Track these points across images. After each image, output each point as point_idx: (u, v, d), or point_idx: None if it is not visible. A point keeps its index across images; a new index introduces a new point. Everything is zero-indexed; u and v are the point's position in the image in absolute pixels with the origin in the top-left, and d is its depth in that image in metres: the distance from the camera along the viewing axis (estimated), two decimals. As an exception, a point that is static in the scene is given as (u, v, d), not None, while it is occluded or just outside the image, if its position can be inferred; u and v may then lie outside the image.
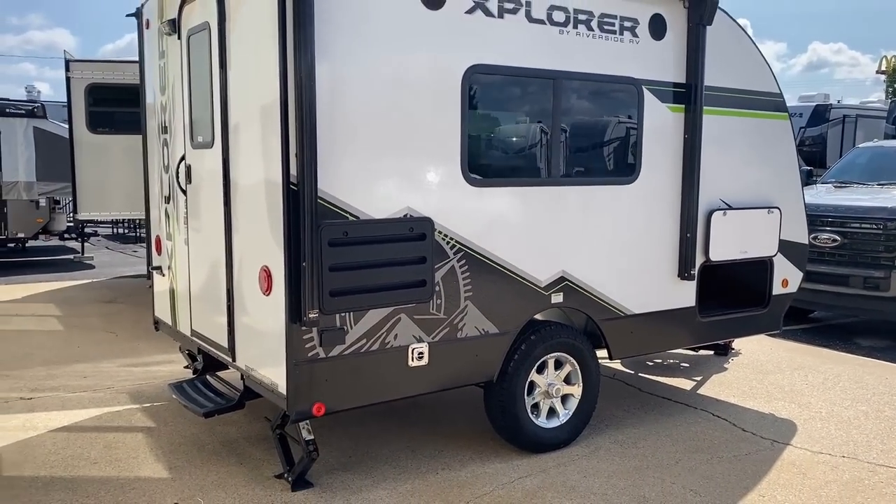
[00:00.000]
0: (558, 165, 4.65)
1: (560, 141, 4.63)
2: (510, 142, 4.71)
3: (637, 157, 4.98)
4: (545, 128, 4.61)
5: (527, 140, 4.68)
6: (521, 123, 4.67)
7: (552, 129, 4.61)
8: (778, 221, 5.75)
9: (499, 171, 4.60)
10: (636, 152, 4.98)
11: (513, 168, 4.69)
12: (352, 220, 3.94)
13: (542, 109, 4.61)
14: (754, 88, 5.53)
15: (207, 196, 4.65)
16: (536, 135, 4.64)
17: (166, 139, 5.30)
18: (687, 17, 5.06)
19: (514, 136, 4.70)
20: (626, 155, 5.03)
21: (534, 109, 4.65)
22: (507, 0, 4.32)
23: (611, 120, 4.98)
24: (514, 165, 4.70)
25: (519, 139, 4.70)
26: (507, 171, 4.66)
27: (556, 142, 4.62)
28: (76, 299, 10.12)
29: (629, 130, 4.98)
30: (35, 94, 34.42)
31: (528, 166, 4.73)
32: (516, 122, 4.69)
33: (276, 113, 3.75)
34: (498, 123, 4.66)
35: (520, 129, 4.67)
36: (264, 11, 3.81)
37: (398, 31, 3.99)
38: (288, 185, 3.74)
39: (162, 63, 5.27)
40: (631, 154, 4.99)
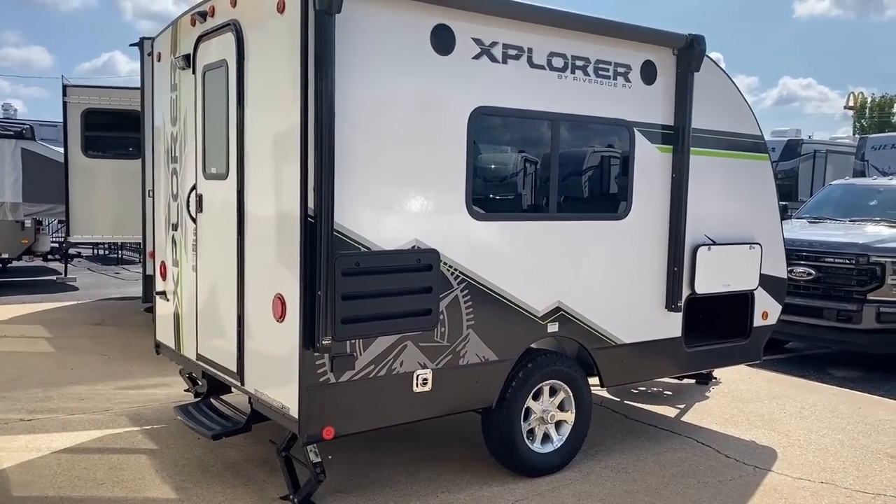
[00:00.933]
0: (556, 201, 4.91)
1: (558, 178, 4.89)
2: (511, 178, 4.96)
3: (628, 195, 5.25)
4: (544, 165, 4.87)
5: (527, 177, 4.93)
6: (521, 161, 4.93)
7: (550, 166, 4.86)
8: (759, 256, 6.05)
9: (500, 205, 4.85)
10: (627, 190, 5.25)
11: (513, 203, 4.94)
12: (364, 251, 4.14)
13: (542, 148, 4.88)
14: (737, 131, 5.85)
15: (219, 225, 4.82)
16: (536, 172, 4.89)
17: (175, 169, 5.47)
18: (676, 63, 5.37)
19: (515, 173, 4.95)
20: (618, 192, 5.30)
21: (534, 148, 4.91)
22: (510, 47, 4.59)
23: (604, 159, 5.26)
24: (515, 200, 4.95)
25: (519, 176, 4.95)
26: (509, 205, 4.90)
27: (554, 179, 4.88)
28: (64, 321, 10.14)
29: (621, 169, 5.26)
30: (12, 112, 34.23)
31: (528, 201, 4.98)
32: (517, 160, 4.95)
33: (294, 149, 3.95)
34: (500, 161, 4.91)
35: (520, 166, 4.93)
36: (283, 52, 4.03)
37: (410, 75, 4.23)
38: (306, 218, 3.94)
39: (174, 95, 5.45)
40: (622, 191, 5.27)
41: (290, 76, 3.96)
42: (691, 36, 5.28)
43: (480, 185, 4.64)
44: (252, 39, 4.39)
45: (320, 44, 3.81)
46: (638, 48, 5.17)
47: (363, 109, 4.07)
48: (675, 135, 5.40)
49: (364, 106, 4.07)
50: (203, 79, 4.95)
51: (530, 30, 4.66)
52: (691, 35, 5.28)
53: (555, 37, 4.77)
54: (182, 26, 5.27)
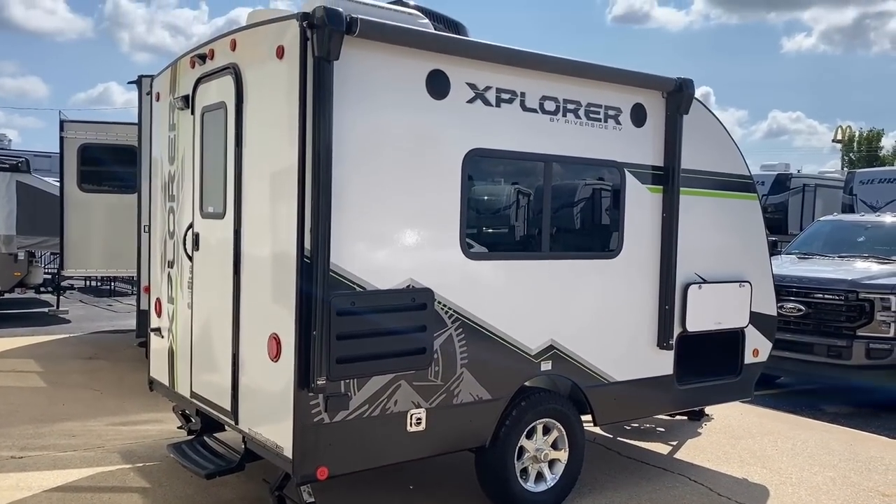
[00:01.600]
0: (549, 240, 4.98)
1: (550, 217, 4.97)
2: (505, 218, 5.04)
3: (619, 234, 5.33)
4: (537, 205, 4.95)
5: (520, 217, 5.01)
6: (515, 201, 5.02)
7: (543, 206, 4.94)
8: (749, 294, 6.12)
9: (494, 245, 4.92)
10: (619, 229, 5.33)
11: (507, 242, 5.02)
12: (359, 290, 4.19)
13: (535, 189, 4.97)
14: (726, 171, 5.96)
15: (215, 263, 4.87)
16: (529, 212, 4.98)
17: (173, 207, 5.53)
18: (665, 106, 5.49)
19: (509, 213, 5.04)
20: (609, 231, 5.38)
21: (527, 189, 5.00)
22: (503, 91, 4.70)
23: (596, 199, 5.35)
24: (509, 240, 5.03)
25: (513, 216, 5.03)
26: (502, 244, 4.98)
27: (547, 218, 4.95)
28: (56, 355, 10.11)
29: (612, 209, 5.35)
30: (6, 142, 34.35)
31: (521, 241, 5.06)
32: (511, 201, 5.03)
33: (291, 190, 4.02)
34: (494, 201, 5.00)
35: (514, 206, 5.02)
36: (282, 96, 4.12)
37: (406, 119, 4.32)
38: (302, 258, 4.00)
39: (172, 135, 5.53)
40: (614, 231, 5.35)
41: (288, 120, 4.05)
42: (680, 80, 5.41)
43: (474, 224, 4.72)
44: (251, 83, 4.48)
45: (318, 89, 3.90)
46: (628, 92, 5.29)
47: (359, 152, 4.15)
48: (665, 175, 5.50)
49: (360, 149, 4.15)
50: (202, 119, 5.03)
51: (523, 74, 4.77)
52: (680, 79, 5.41)
53: (547, 81, 4.88)
54: (181, 67, 5.37)
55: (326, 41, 3.86)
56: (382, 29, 4.10)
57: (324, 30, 3.85)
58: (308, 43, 3.92)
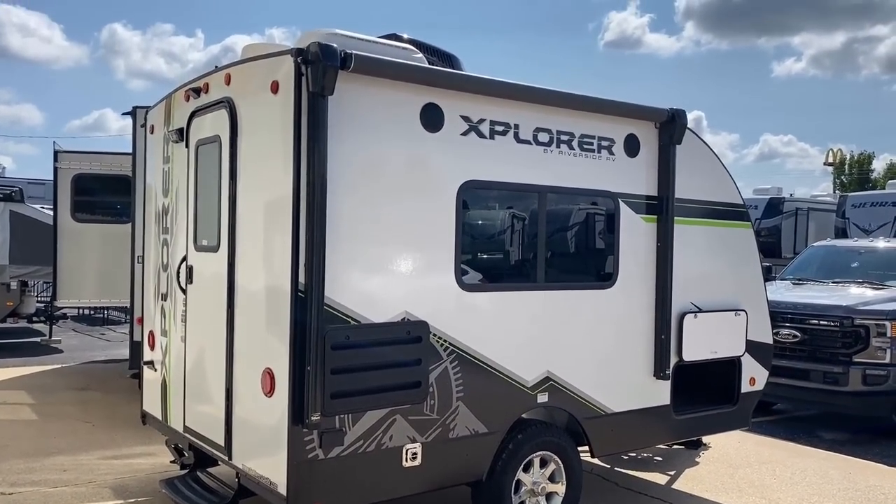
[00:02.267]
0: (543, 271, 4.97)
1: (545, 248, 4.97)
2: (499, 249, 5.04)
3: (615, 264, 5.33)
4: (531, 236, 4.96)
5: (515, 247, 5.01)
6: (509, 232, 5.02)
7: (538, 237, 4.95)
8: (744, 323, 6.11)
9: (489, 276, 4.91)
10: (614, 259, 5.33)
11: (502, 273, 5.01)
12: (353, 324, 4.17)
13: (529, 220, 4.97)
14: (720, 200, 5.98)
15: (209, 297, 4.84)
16: (524, 242, 4.98)
17: (167, 239, 5.52)
18: (658, 136, 5.52)
19: (504, 244, 5.04)
20: (604, 261, 5.38)
21: (521, 220, 5.01)
22: (497, 123, 4.72)
23: (590, 229, 5.36)
24: (504, 271, 5.02)
25: (507, 246, 5.03)
26: (497, 276, 4.97)
27: (542, 249, 4.96)
28: (48, 386, 10.01)
29: (607, 239, 5.36)
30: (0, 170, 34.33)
31: (516, 272, 5.05)
32: (505, 231, 5.03)
33: (286, 224, 4.01)
34: (489, 232, 5.00)
35: (508, 237, 5.02)
36: (276, 131, 4.13)
37: (401, 152, 4.33)
38: (296, 292, 3.98)
39: (166, 168, 5.53)
40: (609, 261, 5.35)
41: (283, 154, 4.05)
42: (672, 110, 5.44)
43: (469, 256, 4.71)
44: (245, 117, 4.49)
45: (312, 124, 3.91)
46: (621, 122, 5.32)
47: (354, 186, 4.15)
48: (659, 205, 5.51)
49: (355, 183, 4.15)
50: (196, 153, 5.04)
51: (516, 107, 4.79)
52: (672, 109, 5.45)
53: (540, 113, 4.91)
54: (176, 101, 5.38)
55: (321, 77, 3.87)
56: (376, 64, 4.13)
57: (318, 65, 3.87)
58: (302, 78, 3.94)
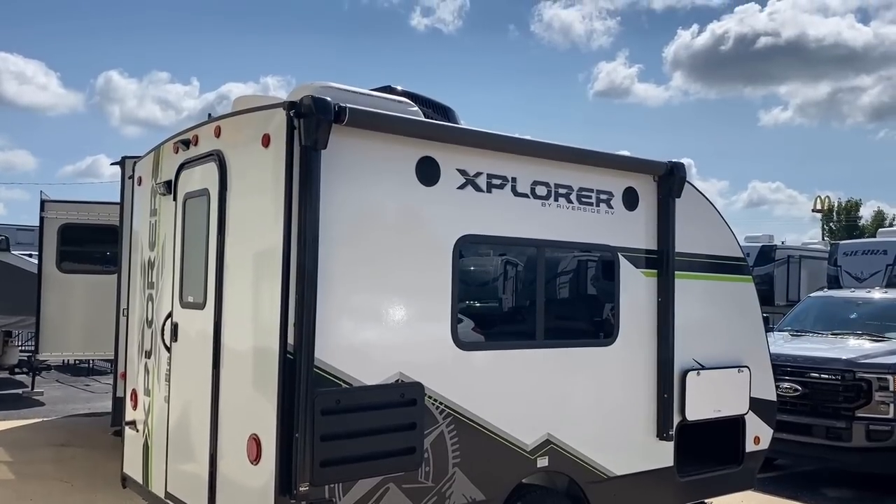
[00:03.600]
0: (543, 328, 4.80)
1: (543, 304, 4.81)
2: (497, 306, 4.88)
3: (615, 320, 5.17)
4: (530, 292, 4.80)
5: (512, 304, 4.85)
6: (507, 288, 4.86)
7: (536, 293, 4.79)
8: (748, 380, 5.94)
9: (487, 334, 4.73)
10: (614, 315, 5.17)
11: (500, 331, 4.84)
12: (345, 387, 3.97)
13: (527, 275, 4.82)
14: (720, 253, 5.86)
15: (194, 356, 4.64)
16: (522, 299, 4.82)
17: (152, 294, 5.33)
18: (657, 190, 5.42)
19: (501, 301, 4.88)
20: (604, 318, 5.22)
21: (519, 275, 4.86)
22: (494, 177, 4.61)
23: (590, 284, 5.21)
24: (501, 328, 4.85)
25: (505, 303, 4.87)
26: (495, 333, 4.79)
27: (540, 305, 4.79)
28: (26, 442, 9.65)
29: (607, 294, 5.21)
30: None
31: (514, 329, 4.87)
32: (503, 288, 4.88)
33: (275, 282, 3.85)
34: (486, 289, 4.84)
35: (506, 293, 4.86)
36: (267, 185, 3.99)
37: (396, 206, 4.20)
38: (285, 354, 3.79)
39: (153, 220, 5.38)
40: (609, 317, 5.19)
41: (273, 209, 3.91)
42: (671, 163, 5.35)
43: (466, 313, 4.54)
44: (235, 170, 4.36)
45: (305, 179, 3.78)
46: (619, 175, 5.22)
47: (346, 242, 4.00)
48: (659, 259, 5.39)
49: (347, 238, 4.00)
50: (184, 206, 4.89)
51: (514, 160, 4.69)
52: (671, 162, 5.36)
53: (537, 166, 4.80)
54: (164, 152, 5.26)
55: (314, 130, 3.76)
56: (371, 118, 4.02)
57: (311, 119, 3.75)
58: (295, 132, 3.82)
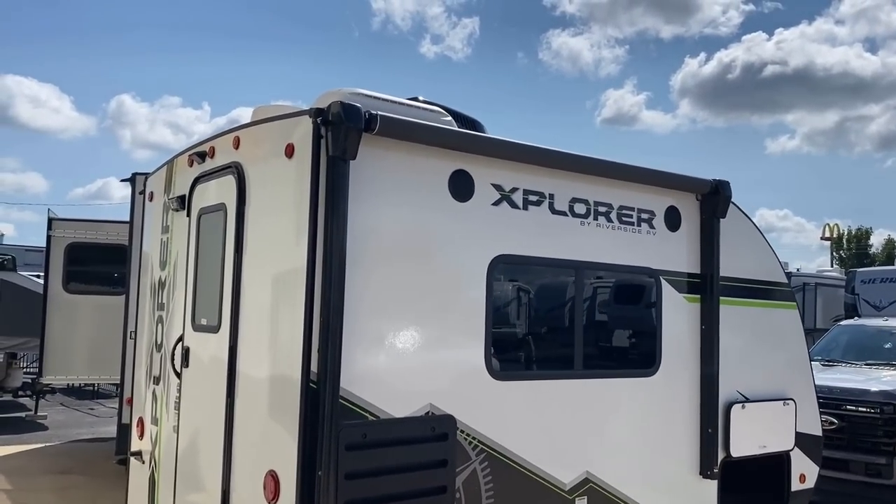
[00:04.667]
0: (581, 357, 4.46)
1: (582, 331, 4.47)
2: (533, 332, 4.53)
3: (657, 349, 4.82)
4: (568, 318, 4.46)
5: (550, 330, 4.51)
6: (544, 314, 4.53)
7: (574, 319, 4.46)
8: (793, 413, 5.56)
9: (523, 362, 4.39)
10: (655, 343, 4.82)
11: (537, 360, 4.49)
12: (371, 419, 3.63)
13: (565, 299, 4.49)
14: (765, 278, 5.52)
15: (206, 383, 4.31)
16: (560, 325, 4.48)
17: (162, 316, 5.01)
18: (700, 209, 5.10)
19: (538, 327, 4.54)
20: (646, 346, 4.87)
21: (557, 299, 4.52)
22: (531, 193, 4.29)
23: (630, 310, 4.87)
24: (538, 357, 4.50)
25: (542, 329, 4.53)
26: (532, 362, 4.45)
27: (579, 332, 4.46)
28: (27, 469, 9.29)
29: (649, 321, 4.86)
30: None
31: (553, 357, 4.52)
32: (540, 313, 4.54)
33: (298, 304, 3.53)
34: (522, 313, 4.50)
35: (543, 319, 4.52)
36: (290, 199, 3.69)
37: (427, 223, 3.88)
38: (307, 383, 3.46)
39: (165, 238, 5.08)
40: (651, 345, 4.84)
41: (297, 225, 3.60)
42: (716, 181, 5.04)
43: (501, 340, 4.20)
44: (255, 183, 4.06)
45: (332, 192, 3.48)
46: (661, 193, 4.91)
47: (375, 260, 3.68)
48: (702, 284, 5.05)
49: (375, 256, 3.69)
50: (198, 222, 4.59)
51: (551, 175, 4.38)
52: (716, 181, 5.04)
53: (576, 182, 4.49)
54: (178, 166, 4.97)
55: (342, 139, 3.46)
56: (404, 127, 3.72)
57: (340, 127, 3.45)
58: (322, 141, 3.53)
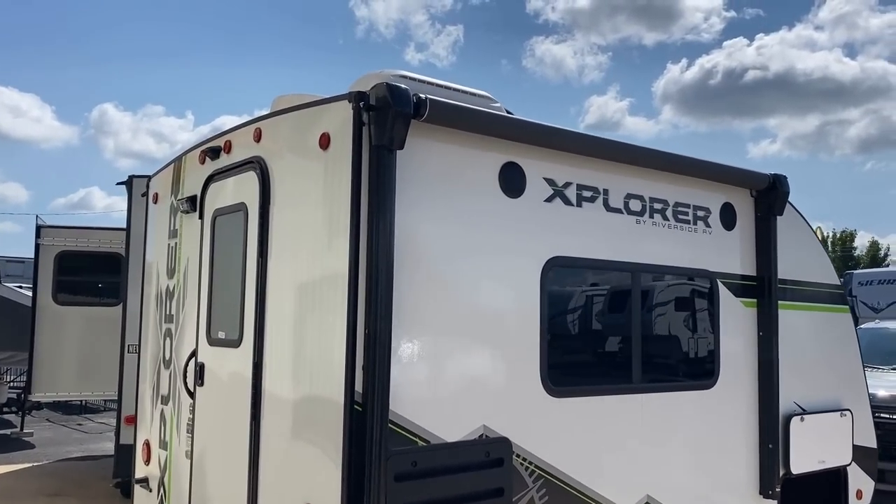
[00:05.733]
0: (640, 369, 4.05)
1: (640, 340, 4.07)
2: (590, 343, 4.12)
3: (715, 358, 4.42)
4: (625, 326, 4.06)
5: (606, 340, 4.10)
6: (600, 321, 4.11)
7: (632, 326, 4.05)
8: (850, 425, 5.18)
9: (581, 377, 3.96)
10: (714, 352, 4.43)
11: (595, 373, 4.07)
12: (421, 445, 3.20)
13: (622, 305, 4.08)
14: (819, 280, 5.15)
15: (225, 403, 3.86)
16: (616, 334, 4.07)
17: (170, 329, 4.56)
18: (754, 206, 4.72)
19: (594, 336, 4.12)
20: (704, 355, 4.47)
21: (613, 306, 4.11)
22: (584, 188, 3.89)
23: (687, 316, 4.48)
24: (596, 370, 4.08)
25: (598, 339, 4.12)
26: (590, 377, 4.02)
27: (637, 341, 4.05)
28: (13, 491, 8.74)
29: (705, 328, 4.47)
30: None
31: (611, 370, 4.11)
32: (595, 320, 4.13)
33: (338, 314, 3.10)
34: (578, 323, 4.08)
35: (599, 327, 4.11)
36: (325, 196, 3.27)
37: (477, 223, 3.47)
38: (351, 405, 3.03)
39: (173, 243, 4.63)
40: (709, 354, 4.44)
41: (333, 225, 3.18)
42: (773, 176, 4.66)
43: (557, 352, 3.78)
44: (281, 180, 3.63)
45: (377, 187, 3.06)
46: (716, 189, 4.52)
47: (422, 266, 3.26)
48: (759, 287, 4.66)
49: (422, 261, 3.27)
50: (213, 225, 4.14)
51: (605, 168, 3.98)
52: (773, 175, 4.66)
53: (630, 176, 4.09)
54: (188, 163, 4.53)
55: (389, 126, 3.04)
56: (455, 113, 3.30)
57: (387, 112, 3.03)
58: (364, 129, 3.10)
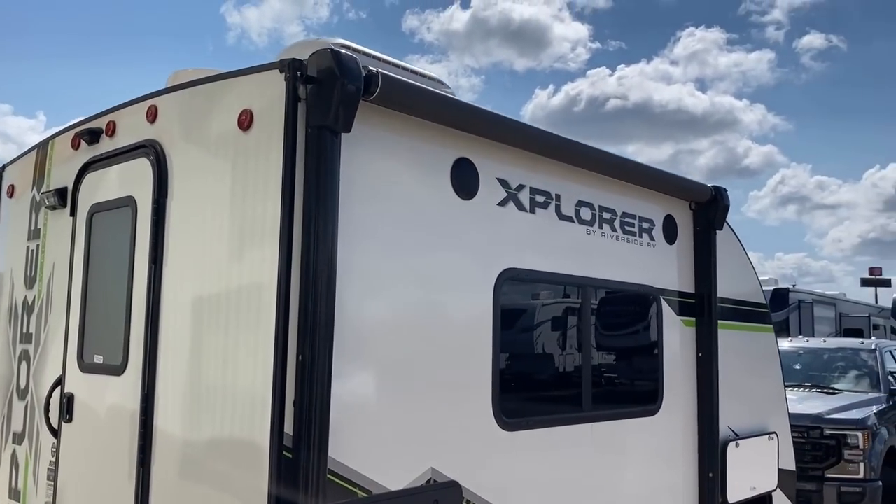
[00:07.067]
0: (590, 395, 3.64)
1: (590, 364, 3.67)
2: (541, 367, 3.64)
3: (659, 382, 4.10)
4: (574, 347, 3.65)
5: (558, 363, 3.66)
6: (550, 343, 3.67)
7: (582, 348, 3.65)
8: (776, 449, 5.04)
9: (534, 406, 3.49)
10: (658, 375, 4.11)
11: (546, 401, 3.60)
12: (362, 496, 2.62)
13: (572, 325, 3.67)
14: (748, 299, 4.98)
15: (103, 445, 3.10)
16: (564, 356, 3.65)
17: (27, 351, 3.70)
18: (693, 219, 4.47)
19: (544, 360, 3.66)
20: (648, 379, 4.13)
21: (564, 326, 3.69)
22: (538, 192, 3.45)
23: (633, 337, 4.14)
24: (548, 398, 3.62)
25: (549, 364, 3.66)
26: (543, 405, 3.56)
27: (587, 365, 3.65)
28: None
29: (648, 350, 4.14)
30: None
31: (562, 398, 3.65)
32: (545, 342, 3.68)
33: (263, 338, 2.48)
34: (528, 345, 3.61)
35: (550, 350, 3.66)
36: (244, 187, 2.64)
37: (427, 225, 2.94)
38: (279, 450, 2.40)
39: (33, 245, 3.77)
40: (653, 378, 4.11)
41: (258, 224, 2.56)
42: (715, 188, 4.43)
43: (510, 380, 3.29)
44: (183, 168, 2.95)
45: (317, 178, 2.47)
46: (659, 200, 4.23)
47: (365, 279, 2.69)
48: (699, 305, 4.41)
49: (366, 274, 2.70)
50: (89, 224, 3.36)
51: (557, 171, 3.56)
52: (715, 187, 4.44)
53: (581, 183, 3.71)
54: (56, 149, 3.71)
55: (335, 103, 2.46)
56: (411, 93, 2.77)
57: (332, 86, 2.46)
58: (300, 105, 2.51)
